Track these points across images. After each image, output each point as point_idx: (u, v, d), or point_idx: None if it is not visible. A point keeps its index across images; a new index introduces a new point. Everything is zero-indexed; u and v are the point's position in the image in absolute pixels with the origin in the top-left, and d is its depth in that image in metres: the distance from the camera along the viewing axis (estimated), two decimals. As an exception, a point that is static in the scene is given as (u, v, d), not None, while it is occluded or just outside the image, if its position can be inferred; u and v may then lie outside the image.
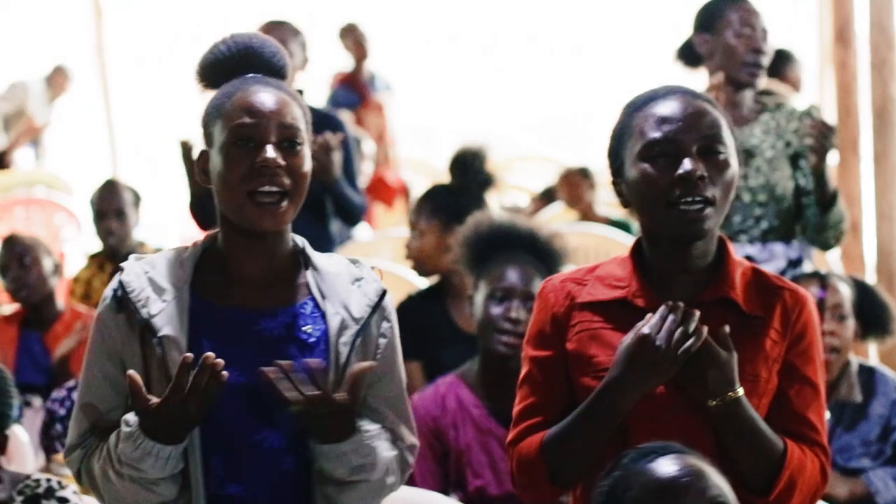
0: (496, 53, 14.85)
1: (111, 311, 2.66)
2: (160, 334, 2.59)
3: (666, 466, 2.29)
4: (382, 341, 2.72)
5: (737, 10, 4.67)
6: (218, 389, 2.49)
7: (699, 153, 2.65)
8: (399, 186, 9.14)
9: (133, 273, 2.66)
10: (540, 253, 3.99)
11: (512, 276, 3.94)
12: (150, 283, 2.64)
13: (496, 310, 3.92)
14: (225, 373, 2.49)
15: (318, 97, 8.96)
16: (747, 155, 4.61)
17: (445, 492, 3.82)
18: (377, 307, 2.70)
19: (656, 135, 2.66)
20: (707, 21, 4.70)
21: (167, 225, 9.74)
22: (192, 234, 8.78)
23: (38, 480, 3.32)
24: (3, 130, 10.87)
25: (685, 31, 4.81)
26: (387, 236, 7.23)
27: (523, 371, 2.80)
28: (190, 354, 2.49)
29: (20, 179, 10.17)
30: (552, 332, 2.76)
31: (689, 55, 4.77)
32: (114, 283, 2.67)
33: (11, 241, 5.49)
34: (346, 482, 2.64)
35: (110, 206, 6.12)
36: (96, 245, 6.60)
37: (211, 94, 2.72)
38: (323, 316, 2.67)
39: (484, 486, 3.88)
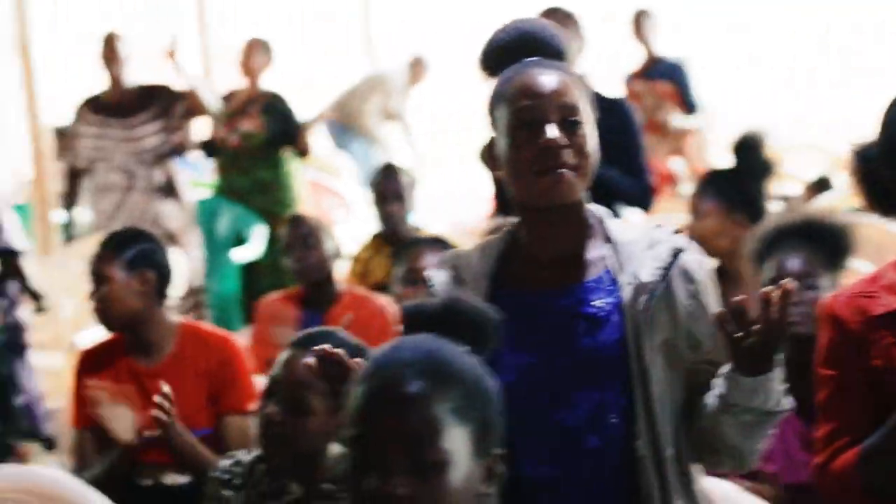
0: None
1: None
2: None
3: None
4: (688, 304, 2.63)
5: None
6: None
7: None
8: (665, 175, 9.00)
9: (439, 268, 2.74)
10: (821, 239, 3.87)
11: (791, 263, 3.86)
12: (454, 276, 2.70)
13: None
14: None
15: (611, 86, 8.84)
16: None
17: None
18: (670, 267, 2.62)
19: None
20: None
21: (437, 209, 9.86)
22: (463, 218, 8.90)
23: None
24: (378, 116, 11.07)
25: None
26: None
27: (820, 395, 2.74)
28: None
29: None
30: (847, 349, 2.69)
31: None
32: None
33: (297, 221, 5.63)
34: (768, 413, 2.55)
35: (391, 190, 6.26)
36: (366, 229, 6.72)
37: (495, 82, 2.74)
38: (618, 287, 2.65)
39: (777, 473, 3.81)
